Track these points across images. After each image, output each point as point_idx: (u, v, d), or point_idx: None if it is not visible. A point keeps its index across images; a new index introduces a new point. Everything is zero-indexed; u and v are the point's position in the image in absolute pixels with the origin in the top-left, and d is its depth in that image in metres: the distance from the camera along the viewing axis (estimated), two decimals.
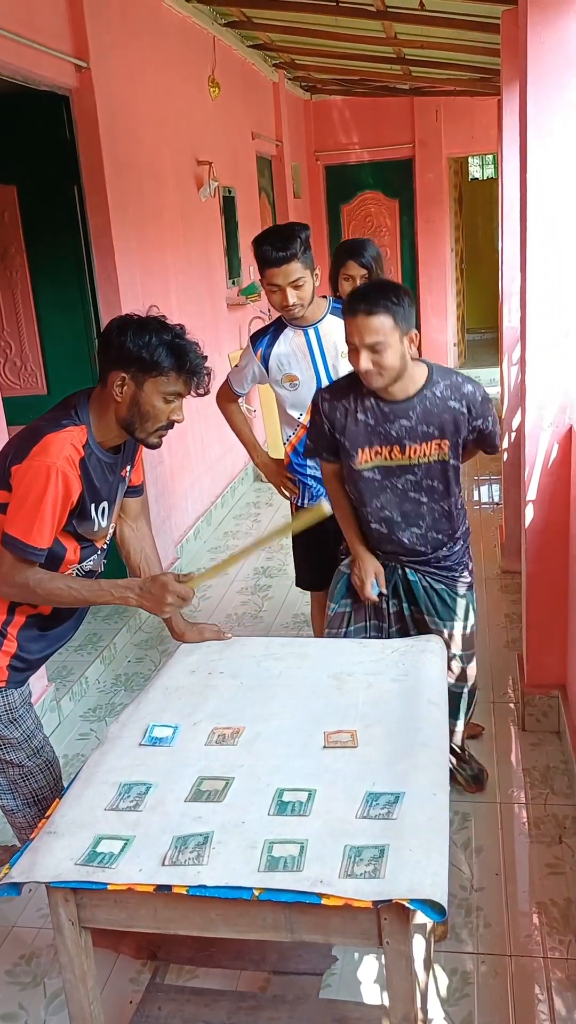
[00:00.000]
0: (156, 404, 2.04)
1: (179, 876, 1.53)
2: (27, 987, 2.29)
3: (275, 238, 2.77)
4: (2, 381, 4.32)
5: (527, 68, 2.66)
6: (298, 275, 2.78)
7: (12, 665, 2.16)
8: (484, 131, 8.81)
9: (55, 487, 1.96)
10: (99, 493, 2.12)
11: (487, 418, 2.44)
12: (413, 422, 2.39)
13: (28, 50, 3.45)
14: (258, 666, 2.24)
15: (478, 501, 5.92)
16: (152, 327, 2.00)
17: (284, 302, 2.83)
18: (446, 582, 2.61)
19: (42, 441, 1.98)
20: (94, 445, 2.07)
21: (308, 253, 2.81)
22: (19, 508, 1.98)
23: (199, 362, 2.04)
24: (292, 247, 2.74)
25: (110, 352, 2.01)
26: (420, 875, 1.47)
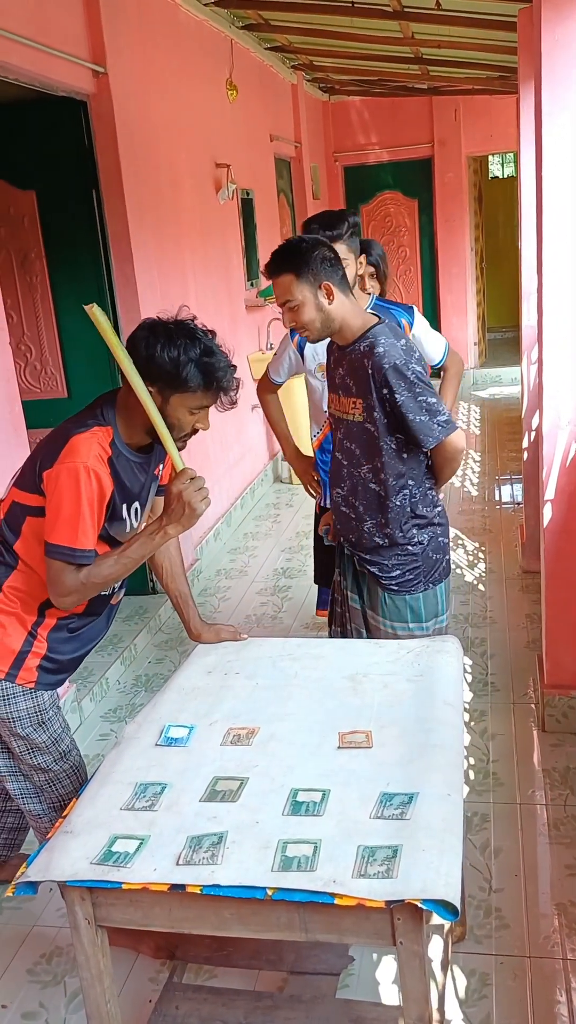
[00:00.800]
0: (181, 417, 2.03)
1: (193, 876, 1.54)
2: (48, 985, 2.31)
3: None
4: (23, 385, 4.35)
5: (541, 65, 2.65)
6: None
7: (42, 666, 2.17)
8: (503, 129, 8.78)
9: (89, 486, 1.96)
10: (130, 493, 2.11)
11: (394, 391, 2.29)
12: (343, 372, 2.43)
13: (46, 56, 3.49)
14: (274, 667, 2.25)
15: (499, 500, 5.89)
16: (181, 340, 1.96)
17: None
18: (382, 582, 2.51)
19: (69, 443, 1.97)
20: (121, 445, 2.05)
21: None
22: (57, 514, 1.97)
23: (228, 380, 2.01)
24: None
25: (137, 362, 1.97)
26: (433, 875, 1.47)
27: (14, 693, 2.15)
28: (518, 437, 6.55)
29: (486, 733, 3.19)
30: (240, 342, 6.17)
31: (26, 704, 2.17)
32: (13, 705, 2.16)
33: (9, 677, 2.13)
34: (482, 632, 3.97)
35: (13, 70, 3.32)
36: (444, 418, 2.35)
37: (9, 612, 2.13)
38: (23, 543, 2.09)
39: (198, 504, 2.03)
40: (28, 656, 2.14)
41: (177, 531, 2.06)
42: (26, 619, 2.14)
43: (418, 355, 2.40)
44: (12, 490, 2.12)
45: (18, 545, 2.10)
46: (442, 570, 2.54)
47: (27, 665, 2.15)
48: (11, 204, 4.16)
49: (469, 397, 9.21)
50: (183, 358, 1.95)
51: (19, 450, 3.16)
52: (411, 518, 2.46)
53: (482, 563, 4.79)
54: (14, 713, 2.16)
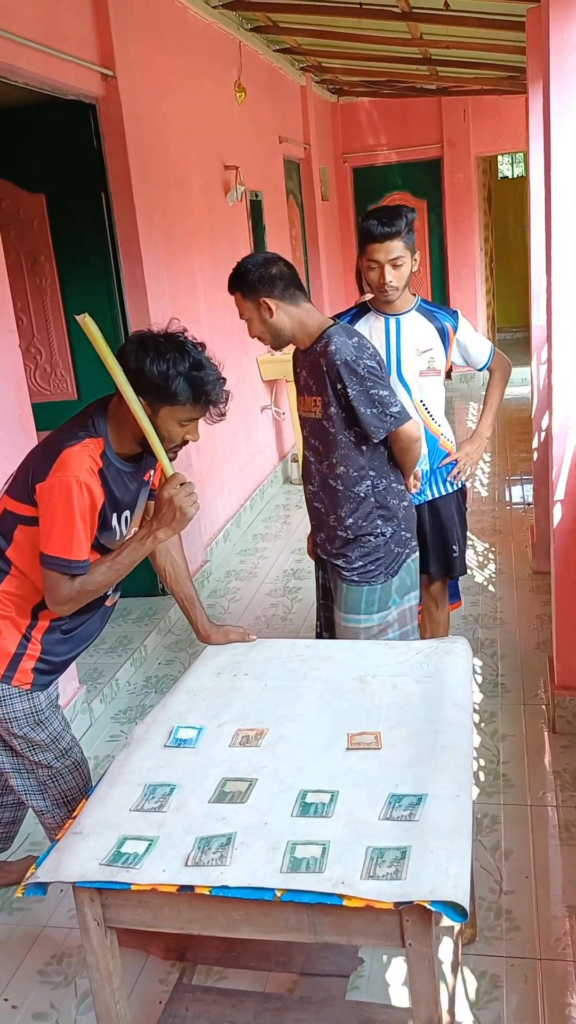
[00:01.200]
0: (171, 428, 2.05)
1: (202, 877, 1.54)
2: (58, 986, 2.32)
3: (381, 214, 2.82)
4: (33, 387, 4.37)
5: (550, 65, 2.64)
6: (398, 254, 2.82)
7: (37, 668, 2.20)
8: (513, 129, 8.76)
9: (81, 499, 1.99)
10: (120, 502, 2.14)
11: (346, 385, 2.47)
12: (305, 374, 2.62)
13: (55, 60, 3.50)
14: (283, 668, 2.25)
15: (509, 501, 5.88)
16: (170, 354, 1.98)
17: (381, 280, 2.85)
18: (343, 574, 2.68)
19: (61, 456, 2.00)
20: (112, 456, 2.08)
21: (411, 235, 2.84)
22: (51, 527, 2.01)
23: (217, 394, 2.04)
24: (397, 224, 2.78)
25: (127, 375, 1.99)
26: (442, 877, 1.47)
27: (10, 695, 2.17)
28: (528, 437, 6.53)
29: (496, 734, 3.18)
30: (249, 343, 6.18)
31: (22, 705, 2.19)
32: (9, 706, 2.18)
33: (5, 679, 2.16)
34: (492, 633, 3.96)
35: (23, 74, 3.33)
36: (396, 409, 2.53)
37: (3, 616, 2.16)
38: (15, 549, 2.12)
39: (188, 508, 2.05)
40: (23, 658, 2.17)
41: (167, 535, 2.09)
42: (20, 622, 2.17)
43: (372, 351, 2.56)
44: (3, 498, 2.15)
45: (10, 552, 2.13)
46: (401, 563, 2.69)
47: (22, 667, 2.17)
48: (20, 207, 4.17)
49: (479, 397, 9.19)
50: (172, 372, 1.97)
51: None
52: (376, 509, 2.63)
53: (492, 564, 4.78)
54: (10, 714, 2.18)
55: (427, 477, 3.07)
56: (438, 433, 3.07)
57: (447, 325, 3.03)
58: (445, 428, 3.12)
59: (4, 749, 2.28)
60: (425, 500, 3.09)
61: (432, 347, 3.00)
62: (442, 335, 3.02)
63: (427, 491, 3.09)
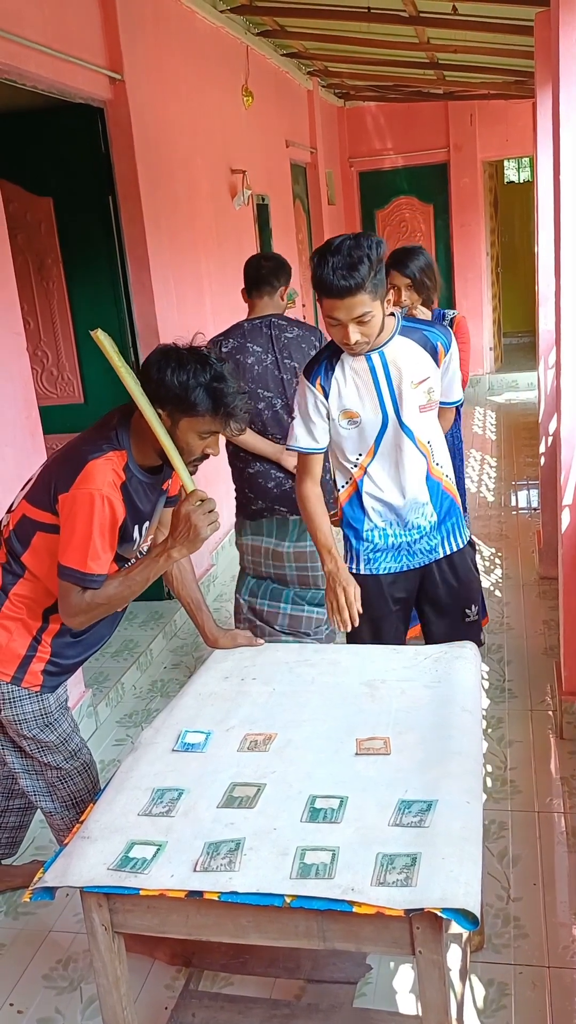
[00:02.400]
0: (191, 441, 2.06)
1: (211, 882, 1.54)
2: (64, 991, 2.31)
3: (338, 259, 2.20)
4: (39, 390, 4.37)
5: (559, 69, 2.64)
6: (364, 309, 2.25)
7: (47, 670, 2.20)
8: (519, 134, 8.77)
9: (102, 513, 1.99)
10: (141, 513, 2.15)
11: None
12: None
13: (63, 64, 3.50)
14: (291, 672, 2.24)
15: (515, 506, 5.86)
16: (192, 365, 1.99)
17: (345, 339, 2.31)
18: None
19: (86, 469, 2.00)
20: (134, 468, 2.09)
21: (380, 274, 2.26)
22: (71, 538, 2.01)
23: (237, 405, 2.03)
24: (359, 273, 2.19)
25: (149, 385, 2.01)
26: (453, 884, 1.46)
27: (20, 696, 2.18)
28: (534, 442, 6.53)
29: (503, 740, 3.17)
30: None
31: (32, 707, 2.19)
32: (19, 708, 2.18)
33: (15, 680, 2.17)
34: (499, 638, 3.95)
35: (31, 77, 3.34)
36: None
37: (15, 618, 2.16)
38: (31, 555, 2.13)
39: (204, 528, 2.04)
40: (33, 660, 2.18)
41: (181, 554, 2.08)
42: (31, 624, 2.17)
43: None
44: (23, 503, 2.15)
45: (26, 556, 2.13)
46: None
47: (32, 669, 2.18)
48: (28, 210, 4.18)
49: (485, 402, 9.19)
50: (192, 381, 1.98)
51: (36, 455, 3.17)
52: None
53: (499, 569, 4.76)
54: (20, 715, 2.19)
55: (435, 531, 2.61)
56: (440, 476, 2.59)
57: (438, 345, 2.49)
58: (447, 466, 2.62)
59: (14, 750, 2.28)
60: (435, 559, 2.63)
61: (428, 375, 2.48)
62: (434, 356, 2.48)
63: (439, 548, 2.63)
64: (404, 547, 2.60)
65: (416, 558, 2.61)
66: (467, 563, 2.70)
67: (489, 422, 8.30)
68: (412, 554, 2.61)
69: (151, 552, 2.11)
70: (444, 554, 2.63)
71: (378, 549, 2.61)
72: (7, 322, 3.07)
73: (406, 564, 2.62)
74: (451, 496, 2.64)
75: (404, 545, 2.60)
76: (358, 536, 2.62)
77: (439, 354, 2.49)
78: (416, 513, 2.56)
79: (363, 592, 2.55)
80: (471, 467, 6.78)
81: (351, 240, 2.23)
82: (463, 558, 2.68)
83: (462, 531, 2.68)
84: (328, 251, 2.22)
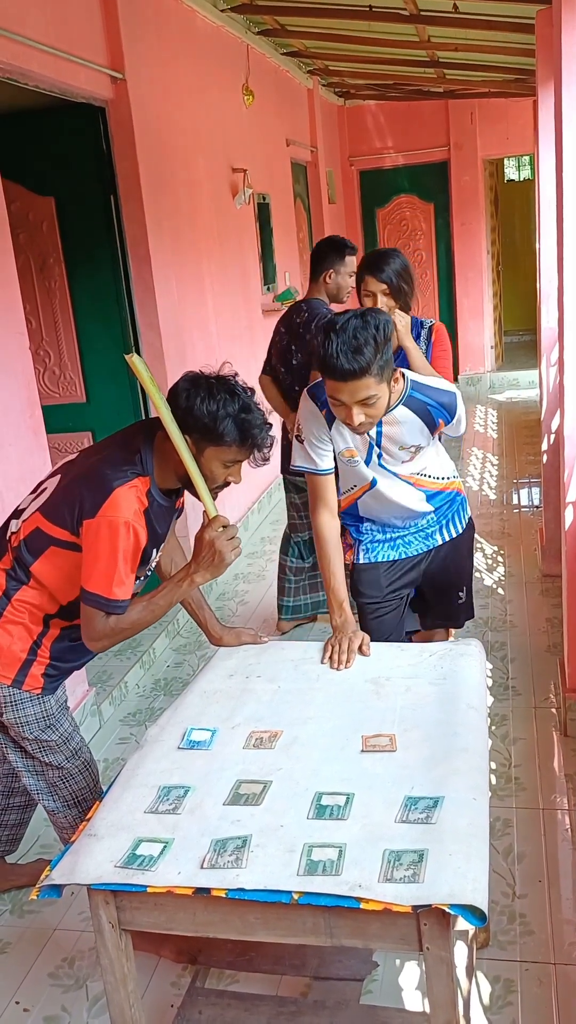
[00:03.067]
0: (215, 469, 2.08)
1: (218, 879, 1.54)
2: (70, 989, 2.31)
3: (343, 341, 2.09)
4: (42, 390, 4.37)
5: (562, 65, 2.64)
6: (369, 393, 2.15)
7: (47, 674, 2.21)
8: (520, 132, 8.77)
9: (127, 540, 2.01)
10: (159, 537, 2.17)
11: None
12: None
13: (65, 63, 3.50)
14: (296, 670, 2.24)
15: (517, 504, 5.86)
16: (221, 396, 2.00)
17: (349, 420, 2.23)
18: None
19: (112, 497, 2.01)
20: (156, 494, 2.10)
21: (387, 356, 2.14)
22: (94, 564, 2.02)
23: (263, 437, 2.06)
24: (363, 356, 2.09)
25: (177, 412, 2.02)
26: (460, 880, 1.46)
27: (21, 699, 2.18)
28: (535, 440, 6.53)
29: (507, 737, 3.17)
30: (257, 346, 6.17)
31: (34, 709, 2.20)
32: (21, 711, 2.19)
33: (16, 684, 2.17)
34: (502, 636, 3.95)
35: (33, 77, 3.34)
36: None
37: (16, 622, 2.16)
38: (41, 566, 2.13)
39: (228, 553, 2.07)
40: (33, 664, 2.18)
41: (204, 579, 2.10)
42: (32, 629, 2.18)
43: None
44: (37, 515, 2.14)
45: (36, 566, 2.13)
46: None
47: (32, 673, 2.18)
48: (30, 210, 4.18)
49: (486, 400, 9.19)
50: (221, 412, 1.99)
51: (40, 455, 3.17)
52: None
53: (501, 567, 4.76)
54: (22, 718, 2.20)
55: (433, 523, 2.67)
56: (437, 485, 2.62)
57: (439, 422, 2.44)
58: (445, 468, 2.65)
59: (16, 750, 2.29)
60: (434, 545, 2.69)
61: (420, 445, 2.47)
62: (432, 429, 2.45)
63: (437, 536, 2.69)
64: (401, 540, 2.69)
65: (414, 546, 2.69)
66: (464, 549, 2.77)
67: (490, 420, 8.30)
68: (409, 543, 2.69)
69: (174, 577, 2.15)
70: (443, 541, 2.70)
71: (376, 540, 2.69)
72: (10, 321, 3.07)
73: (403, 553, 2.69)
74: (450, 490, 2.67)
75: (401, 539, 2.69)
76: (358, 530, 2.71)
77: (438, 427, 2.46)
78: (414, 519, 2.66)
79: (361, 579, 2.67)
80: (472, 466, 6.79)
81: (357, 319, 2.12)
82: (461, 543, 2.74)
83: (462, 517, 2.73)
84: (333, 329, 2.12)
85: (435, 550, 2.70)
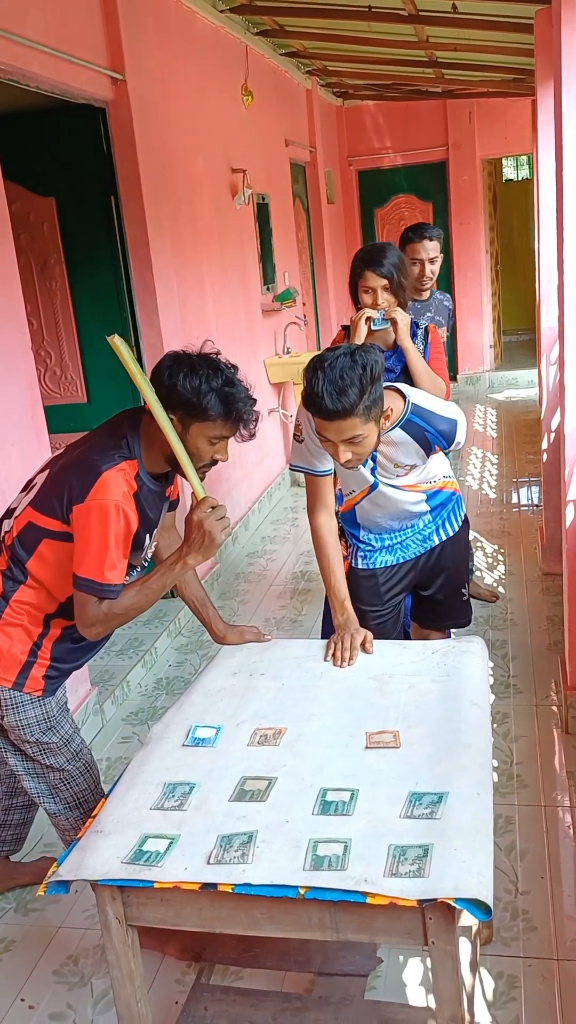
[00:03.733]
0: (201, 446, 2.07)
1: (224, 874, 1.55)
2: (75, 987, 2.32)
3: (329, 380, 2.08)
4: (43, 390, 4.38)
5: (562, 64, 2.65)
6: (356, 432, 2.14)
7: (47, 675, 2.21)
8: (518, 132, 8.78)
9: (117, 523, 2.00)
10: (151, 521, 2.16)
11: None
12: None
13: (65, 64, 3.51)
14: (299, 667, 2.25)
15: (517, 503, 5.87)
16: (203, 371, 2.00)
17: (336, 456, 2.24)
18: None
19: (100, 480, 2.01)
20: (145, 477, 2.10)
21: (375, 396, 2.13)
22: (86, 549, 2.01)
23: (247, 411, 2.05)
24: (348, 396, 2.07)
25: (160, 391, 2.02)
26: (465, 874, 1.47)
27: (22, 701, 2.18)
28: (535, 439, 6.54)
29: (509, 735, 3.18)
30: (257, 346, 6.19)
31: (35, 712, 2.20)
32: (22, 713, 2.19)
33: (16, 686, 2.17)
34: (503, 634, 3.96)
35: (34, 78, 3.34)
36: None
37: (15, 624, 2.16)
38: (36, 561, 2.13)
39: (218, 534, 2.05)
40: (34, 666, 2.18)
41: (196, 561, 2.10)
42: (32, 630, 2.17)
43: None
44: (29, 510, 2.14)
45: (31, 563, 2.13)
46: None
47: (33, 675, 2.18)
48: (30, 210, 4.19)
49: (485, 400, 9.20)
50: (204, 386, 1.99)
51: (42, 455, 3.18)
52: None
53: (502, 566, 4.77)
54: (23, 721, 2.19)
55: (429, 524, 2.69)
56: (435, 486, 2.65)
57: (436, 448, 2.46)
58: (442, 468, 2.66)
59: (16, 753, 2.29)
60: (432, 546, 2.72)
61: (415, 464, 2.51)
62: (429, 452, 2.48)
63: (434, 537, 2.71)
64: (400, 545, 2.71)
65: (411, 549, 2.72)
66: (461, 545, 2.79)
67: (490, 419, 8.31)
68: (407, 546, 2.72)
69: (167, 560, 2.14)
70: (439, 541, 2.72)
71: (375, 548, 2.72)
72: (12, 321, 3.07)
73: (401, 556, 2.72)
74: (446, 490, 2.70)
75: (400, 544, 2.71)
76: (356, 537, 2.74)
77: (435, 450, 2.47)
78: (411, 521, 2.69)
79: (360, 587, 2.67)
80: (472, 465, 6.80)
81: (346, 358, 2.10)
82: (458, 541, 2.77)
83: (458, 516, 2.75)
84: (321, 367, 2.10)
85: (432, 551, 2.73)
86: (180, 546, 2.12)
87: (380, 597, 2.71)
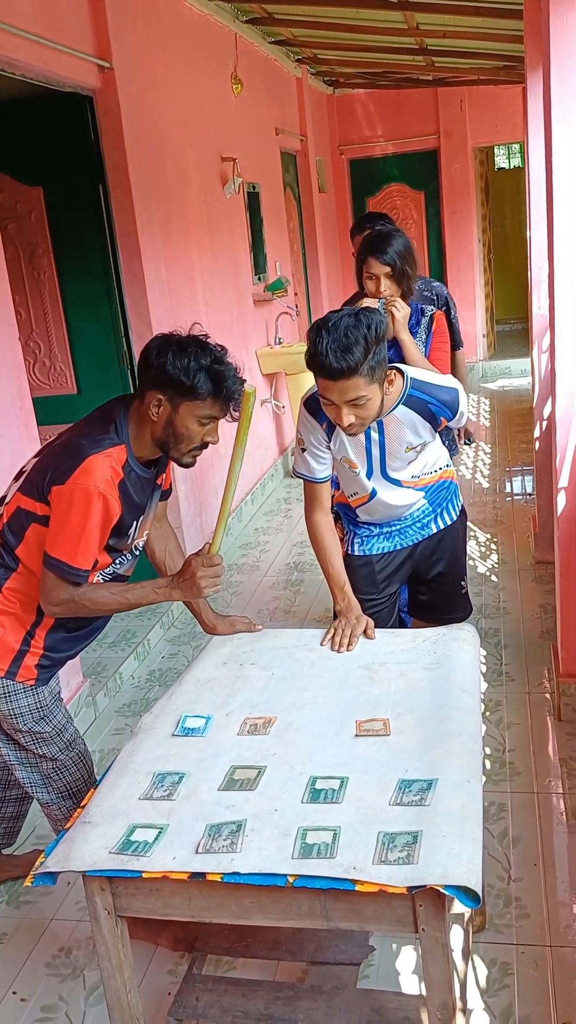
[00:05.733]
0: (191, 426, 2.06)
1: (213, 863, 1.54)
2: (67, 979, 2.31)
3: (333, 339, 2.07)
4: (32, 381, 4.35)
5: (550, 49, 2.63)
6: (359, 393, 2.14)
7: (40, 664, 2.20)
8: (509, 120, 8.75)
9: (96, 510, 2.00)
10: (138, 507, 2.15)
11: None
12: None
13: (52, 52, 3.48)
14: (290, 657, 2.25)
15: (510, 492, 5.87)
16: (192, 350, 2.00)
17: (339, 420, 2.22)
18: None
19: (84, 464, 1.99)
20: (133, 463, 2.09)
21: (379, 357, 2.13)
22: (61, 530, 2.01)
23: (236, 388, 2.04)
24: (353, 355, 2.07)
25: (149, 372, 2.02)
26: (454, 861, 1.46)
27: (15, 691, 2.18)
28: (528, 428, 6.53)
29: (502, 723, 3.18)
30: (249, 337, 6.16)
31: (27, 701, 2.20)
32: (15, 702, 2.18)
33: (9, 675, 2.17)
34: (496, 623, 3.96)
35: (20, 66, 3.31)
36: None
37: (8, 612, 2.16)
38: (25, 548, 2.12)
39: (205, 588, 2.11)
40: (27, 655, 2.18)
41: (180, 597, 2.17)
42: (24, 619, 2.17)
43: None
44: (17, 495, 2.14)
45: (20, 549, 2.12)
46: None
47: (26, 664, 2.18)
48: (18, 200, 4.16)
49: (478, 389, 9.19)
50: (193, 365, 1.98)
51: (31, 446, 3.16)
52: None
53: (495, 554, 4.77)
54: (16, 710, 2.19)
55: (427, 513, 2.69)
56: (434, 478, 2.66)
57: (442, 420, 2.45)
58: (441, 459, 2.67)
59: (8, 743, 2.28)
60: (429, 534, 2.71)
61: (424, 441, 2.49)
62: (435, 425, 2.47)
63: (432, 525, 2.70)
64: (397, 531, 2.71)
65: (409, 536, 2.71)
66: (460, 536, 2.79)
67: (483, 409, 8.30)
68: (405, 533, 2.70)
69: (156, 582, 2.17)
70: (436, 530, 2.71)
71: (372, 535, 2.71)
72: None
73: (398, 543, 2.71)
74: (444, 479, 2.70)
75: (397, 531, 2.70)
76: (353, 521, 2.73)
77: (440, 423, 2.47)
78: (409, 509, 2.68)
79: (354, 574, 2.65)
80: (465, 454, 6.79)
81: (350, 318, 2.10)
82: (456, 531, 2.76)
83: (455, 505, 2.75)
84: (325, 327, 2.10)
85: (430, 539, 2.72)
86: (172, 576, 2.17)
87: (376, 585, 2.71)
